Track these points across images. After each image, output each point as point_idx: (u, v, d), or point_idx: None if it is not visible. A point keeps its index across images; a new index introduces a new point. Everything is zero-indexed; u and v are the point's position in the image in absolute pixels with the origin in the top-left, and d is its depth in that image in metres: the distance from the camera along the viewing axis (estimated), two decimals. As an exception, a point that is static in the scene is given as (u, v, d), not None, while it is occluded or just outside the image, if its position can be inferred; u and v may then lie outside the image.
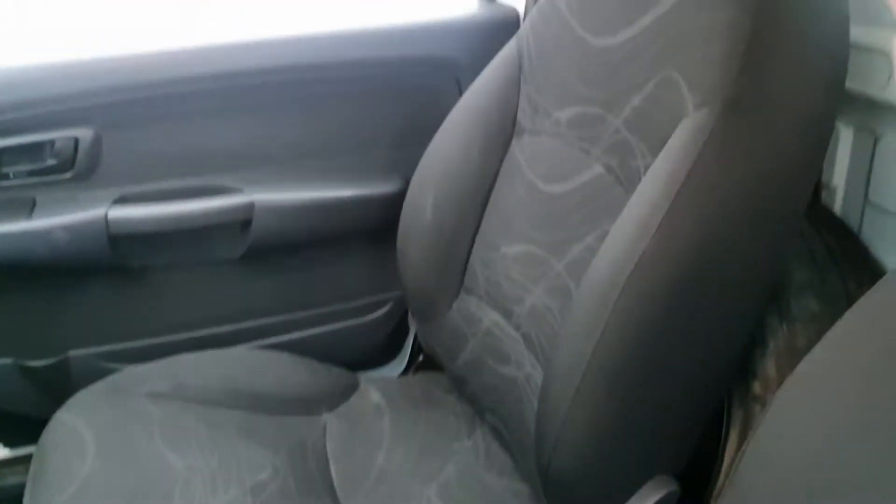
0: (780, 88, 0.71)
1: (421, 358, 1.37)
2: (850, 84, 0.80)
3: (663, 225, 0.70)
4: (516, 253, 0.98)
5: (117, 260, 1.16)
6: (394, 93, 1.27)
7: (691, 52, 0.75)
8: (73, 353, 1.19)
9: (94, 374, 1.08)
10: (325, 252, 1.31)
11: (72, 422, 0.96)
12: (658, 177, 0.73)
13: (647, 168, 0.77)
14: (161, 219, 1.16)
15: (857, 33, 0.79)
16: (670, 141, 0.74)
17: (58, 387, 1.14)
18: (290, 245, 1.26)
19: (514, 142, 1.04)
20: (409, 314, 1.30)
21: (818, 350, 0.53)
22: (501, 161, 1.04)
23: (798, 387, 0.53)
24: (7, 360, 1.17)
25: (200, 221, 1.17)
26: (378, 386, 1.14)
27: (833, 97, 0.75)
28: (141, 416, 0.97)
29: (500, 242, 1.01)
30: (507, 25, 1.26)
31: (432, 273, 1.09)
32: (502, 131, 1.04)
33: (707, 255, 0.71)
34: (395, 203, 1.15)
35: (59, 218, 1.11)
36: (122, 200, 1.15)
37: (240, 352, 1.17)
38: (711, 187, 0.70)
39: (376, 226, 1.24)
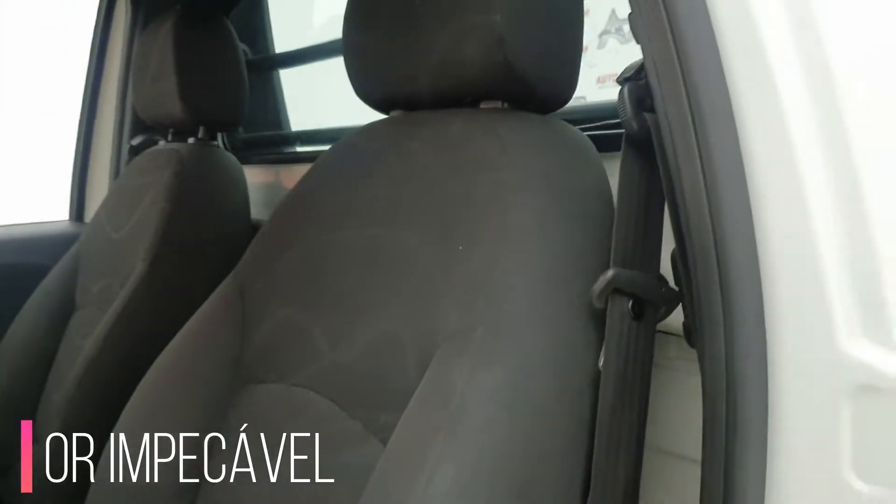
0: (187, 247, 1.16)
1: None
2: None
3: (112, 329, 1.09)
4: (61, 396, 1.28)
5: None
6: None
7: (144, 234, 1.18)
8: None
9: None
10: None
11: None
12: (112, 309, 1.11)
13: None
14: None
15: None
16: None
17: None
18: None
19: (73, 318, 1.37)
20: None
21: None
22: (62, 333, 1.37)
23: None
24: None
25: None
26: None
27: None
28: None
29: (52, 391, 1.31)
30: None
31: (3, 432, 1.34)
32: (63, 311, 1.38)
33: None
34: None
35: None
36: None
37: None
38: (139, 307, 1.10)
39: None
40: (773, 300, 0.48)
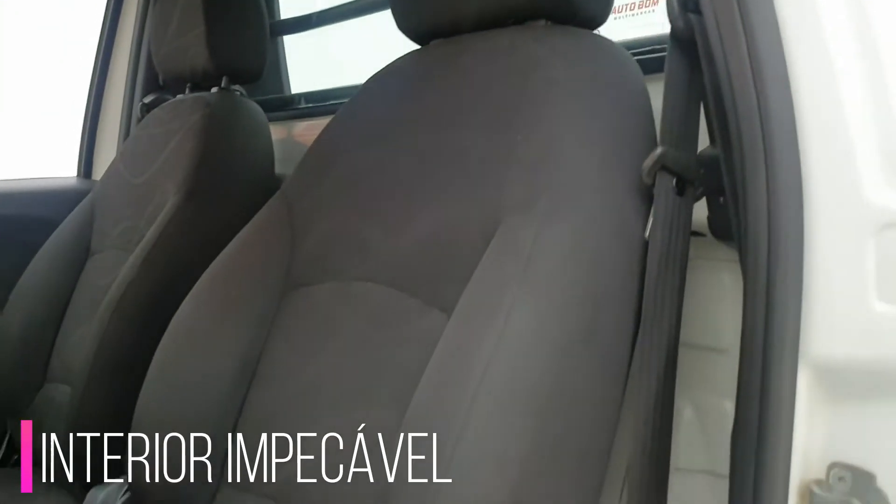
0: (218, 184, 1.21)
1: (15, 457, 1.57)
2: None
3: (144, 262, 1.12)
4: (82, 333, 1.31)
5: None
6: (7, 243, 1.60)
7: (174, 173, 1.23)
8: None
9: None
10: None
11: None
12: (144, 241, 1.16)
13: None
14: None
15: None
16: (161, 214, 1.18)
17: None
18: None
19: (88, 262, 1.41)
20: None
21: None
22: (77, 278, 1.40)
23: None
24: None
25: None
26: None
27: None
28: None
29: (71, 331, 1.35)
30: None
31: (18, 374, 1.37)
32: (78, 257, 1.42)
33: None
34: None
35: None
36: None
37: None
38: (172, 239, 1.15)
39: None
40: (809, 160, 0.57)
